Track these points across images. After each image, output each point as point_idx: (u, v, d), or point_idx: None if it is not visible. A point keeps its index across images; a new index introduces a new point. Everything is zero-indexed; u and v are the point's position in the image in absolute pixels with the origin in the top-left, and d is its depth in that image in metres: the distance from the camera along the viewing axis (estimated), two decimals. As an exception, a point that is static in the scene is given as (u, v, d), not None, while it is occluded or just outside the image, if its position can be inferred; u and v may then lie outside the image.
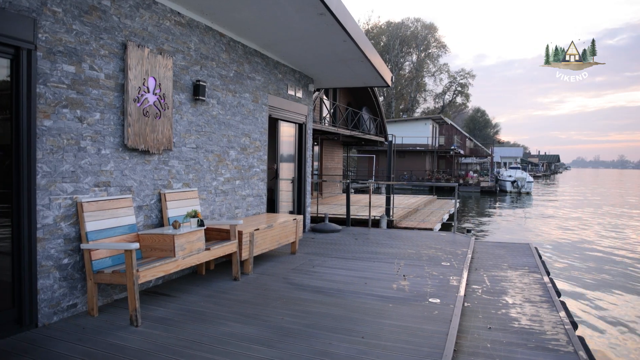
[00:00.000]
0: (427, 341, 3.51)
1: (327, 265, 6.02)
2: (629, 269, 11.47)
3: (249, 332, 3.64)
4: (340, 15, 5.60)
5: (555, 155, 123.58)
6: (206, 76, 5.61)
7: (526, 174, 40.65)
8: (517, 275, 6.00)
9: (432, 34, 65.80)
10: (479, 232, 17.53)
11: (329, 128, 15.12)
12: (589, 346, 3.98)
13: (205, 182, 5.70)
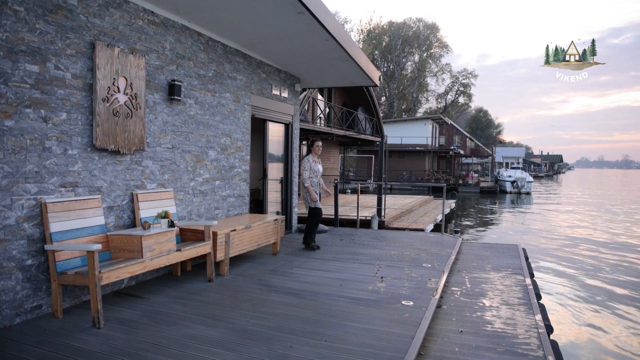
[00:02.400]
0: (391, 345, 3.45)
1: (305, 267, 5.97)
2: (621, 272, 11.38)
3: (211, 334, 3.60)
4: (320, 14, 5.55)
5: (558, 155, 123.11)
6: (183, 76, 5.57)
7: (526, 174, 40.50)
8: (499, 277, 5.93)
9: (434, 34, 65.67)
10: (474, 233, 17.44)
11: (322, 128, 15.06)
12: (561, 351, 3.93)
13: (183, 182, 5.65)
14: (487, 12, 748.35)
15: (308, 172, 7.00)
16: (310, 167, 7.01)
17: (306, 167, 7.02)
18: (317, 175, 7.11)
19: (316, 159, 7.19)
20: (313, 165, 7.06)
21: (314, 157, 7.14)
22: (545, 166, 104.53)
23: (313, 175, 7.04)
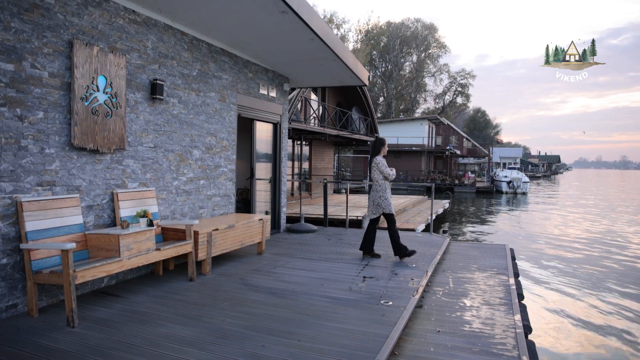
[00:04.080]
0: (365, 345, 3.45)
1: (289, 266, 5.96)
2: (610, 274, 11.39)
3: (186, 333, 3.59)
4: (304, 13, 5.54)
5: (555, 156, 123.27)
6: (166, 75, 5.56)
7: (522, 174, 40.57)
8: (483, 277, 5.93)
9: (432, 34, 65.74)
10: (466, 233, 17.45)
11: (314, 128, 15.05)
12: (538, 351, 3.93)
13: (165, 181, 5.65)
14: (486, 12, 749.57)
15: (389, 169, 6.58)
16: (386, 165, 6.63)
17: (386, 164, 6.64)
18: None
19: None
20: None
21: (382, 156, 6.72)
22: (543, 166, 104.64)
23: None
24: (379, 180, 6.59)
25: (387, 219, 6.63)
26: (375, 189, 6.63)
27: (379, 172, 6.58)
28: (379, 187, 6.60)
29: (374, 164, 6.62)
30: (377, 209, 6.60)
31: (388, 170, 6.54)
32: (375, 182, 6.64)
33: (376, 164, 6.60)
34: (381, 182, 6.59)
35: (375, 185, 6.65)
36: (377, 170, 6.59)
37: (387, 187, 6.62)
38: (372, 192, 6.68)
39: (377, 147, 6.75)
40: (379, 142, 6.80)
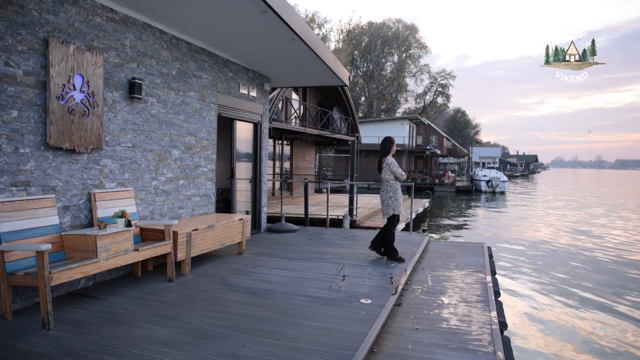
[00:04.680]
0: (344, 343, 3.48)
1: (269, 266, 5.97)
2: (585, 271, 11.67)
3: (164, 334, 3.57)
4: (284, 13, 5.55)
5: (533, 156, 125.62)
6: (144, 74, 5.51)
7: (500, 174, 41.23)
8: (461, 275, 6.02)
9: (413, 34, 66.27)
10: (445, 232, 17.68)
11: (296, 127, 15.06)
12: (512, 347, 4.02)
13: (144, 181, 5.59)
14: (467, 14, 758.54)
15: (400, 169, 6.52)
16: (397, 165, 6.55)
17: (397, 164, 6.55)
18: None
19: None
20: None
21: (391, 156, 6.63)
22: (521, 166, 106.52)
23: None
24: (390, 180, 6.52)
25: (389, 219, 6.61)
26: (386, 190, 6.56)
27: (390, 172, 6.52)
28: (389, 187, 6.53)
29: (385, 164, 6.53)
30: (387, 209, 6.57)
31: (400, 171, 6.49)
32: (386, 182, 6.57)
33: (387, 164, 6.52)
34: (392, 182, 6.53)
35: (385, 186, 6.57)
36: (389, 171, 6.52)
37: (398, 188, 6.57)
38: (382, 192, 6.61)
39: (387, 147, 6.63)
40: (389, 141, 6.68)
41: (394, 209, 6.51)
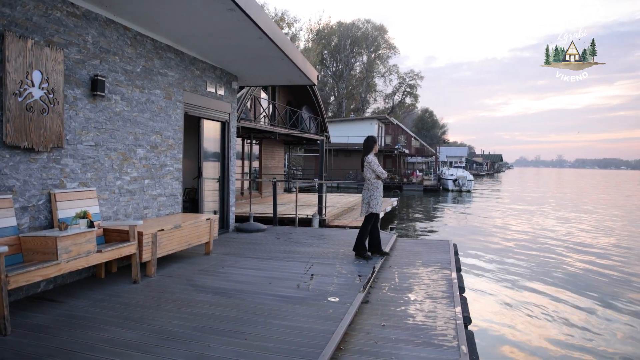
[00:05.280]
0: (310, 341, 3.49)
1: (237, 266, 5.92)
2: (546, 266, 12.07)
3: (129, 337, 3.50)
4: (252, 11, 5.52)
5: (498, 155, 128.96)
6: (107, 71, 5.37)
7: (467, 173, 42.16)
8: (427, 272, 6.12)
9: (382, 35, 66.98)
10: (412, 230, 17.96)
11: (264, 127, 14.98)
12: (476, 340, 4.12)
13: (108, 181, 5.45)
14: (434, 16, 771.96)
15: (381, 168, 6.58)
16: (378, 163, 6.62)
17: (378, 162, 6.61)
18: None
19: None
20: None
21: (373, 155, 6.67)
22: (487, 165, 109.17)
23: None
24: (372, 179, 6.59)
25: (366, 218, 6.68)
26: (367, 188, 6.63)
27: (371, 170, 6.58)
28: (370, 186, 6.60)
29: (366, 162, 6.60)
30: (366, 207, 6.64)
31: (380, 169, 6.56)
32: (367, 181, 6.64)
33: (368, 163, 6.58)
34: (373, 181, 6.60)
35: (367, 184, 6.64)
36: (370, 169, 6.59)
37: (379, 187, 6.64)
38: (364, 190, 6.69)
39: (369, 146, 6.67)
40: (371, 140, 6.73)
41: (372, 207, 6.59)
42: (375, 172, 6.54)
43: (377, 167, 6.54)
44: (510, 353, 6.34)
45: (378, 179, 6.61)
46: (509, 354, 6.30)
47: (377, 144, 6.79)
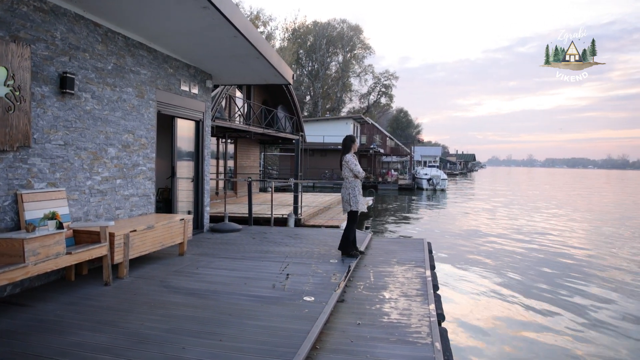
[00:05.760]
0: (286, 341, 3.49)
1: (212, 266, 5.87)
2: (517, 263, 12.34)
3: (101, 340, 3.42)
4: (226, 9, 5.46)
5: (471, 155, 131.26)
6: (77, 68, 5.24)
7: (441, 172, 42.79)
8: (402, 270, 6.18)
9: (357, 35, 67.32)
10: (388, 229, 18.12)
11: (240, 126, 14.87)
12: (449, 337, 4.18)
13: (78, 181, 5.32)
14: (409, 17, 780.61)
15: (359, 167, 6.59)
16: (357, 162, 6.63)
17: (356, 162, 6.61)
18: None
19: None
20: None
21: (352, 154, 6.69)
22: (460, 164, 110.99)
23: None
24: (349, 177, 6.63)
25: (349, 216, 6.72)
26: (345, 187, 6.67)
27: (348, 169, 6.61)
28: (349, 184, 6.63)
29: (344, 161, 6.64)
30: (346, 205, 6.68)
31: (358, 168, 6.58)
32: (345, 179, 6.67)
33: (346, 162, 6.62)
34: (351, 179, 6.63)
35: (345, 183, 6.68)
36: (348, 168, 6.62)
37: (358, 185, 6.66)
38: (343, 189, 6.73)
39: (347, 145, 6.71)
40: (349, 140, 6.76)
41: (352, 205, 6.61)
42: (353, 171, 6.58)
43: (354, 166, 6.58)
44: (482, 348, 6.46)
45: (356, 178, 6.64)
46: (481, 349, 6.42)
47: (357, 143, 6.85)
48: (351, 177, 6.62)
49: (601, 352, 6.35)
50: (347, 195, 6.64)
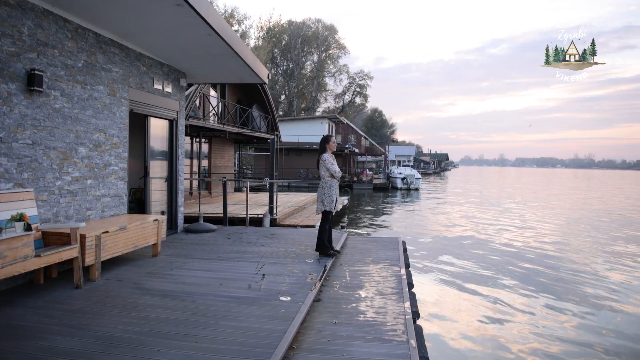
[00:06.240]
0: (262, 341, 3.48)
1: (186, 267, 5.80)
2: (489, 260, 12.61)
3: (72, 345, 3.34)
4: (201, 7, 5.39)
5: (444, 154, 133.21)
6: (46, 65, 5.09)
7: (415, 171, 43.35)
8: (377, 269, 6.24)
9: (332, 35, 67.53)
10: (363, 228, 18.25)
11: (214, 125, 14.72)
12: (424, 334, 4.24)
13: (47, 181, 5.17)
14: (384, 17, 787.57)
15: (336, 166, 6.53)
16: (334, 162, 6.58)
17: (333, 161, 6.56)
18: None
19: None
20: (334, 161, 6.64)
21: (329, 153, 6.65)
22: (434, 164, 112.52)
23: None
24: (326, 177, 6.60)
25: (323, 216, 6.70)
26: (321, 186, 6.64)
27: (325, 168, 6.58)
28: (325, 184, 6.61)
29: (321, 161, 6.61)
30: (320, 205, 6.66)
31: (334, 168, 6.53)
32: (322, 179, 6.64)
33: (322, 161, 6.59)
34: (328, 179, 6.60)
35: (321, 182, 6.65)
36: (324, 168, 6.59)
37: (334, 185, 6.62)
38: (319, 189, 6.70)
39: (322, 145, 6.70)
40: (324, 140, 6.74)
41: (326, 205, 6.61)
42: (329, 170, 6.57)
43: (331, 165, 6.57)
44: (456, 344, 6.58)
45: (333, 178, 6.64)
46: (455, 345, 6.53)
47: (334, 143, 6.82)
48: (327, 176, 6.62)
49: (574, 348, 6.55)
50: (322, 195, 6.64)
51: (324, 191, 6.62)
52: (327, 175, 6.61)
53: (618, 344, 6.69)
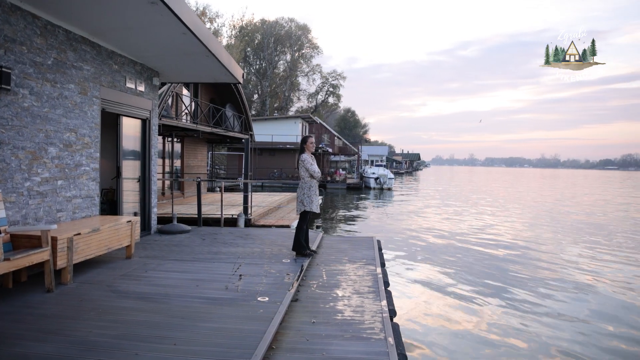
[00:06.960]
0: (242, 342, 3.47)
1: (161, 269, 5.72)
2: (463, 257, 12.86)
3: (46, 350, 3.26)
4: (175, 5, 5.33)
5: (416, 154, 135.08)
6: (13, 62, 4.94)
7: (388, 171, 43.78)
8: (353, 268, 6.29)
9: (305, 34, 67.46)
10: (337, 227, 18.34)
11: (187, 125, 14.53)
12: (401, 332, 4.31)
13: (15, 182, 5.02)
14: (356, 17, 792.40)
15: (315, 166, 6.54)
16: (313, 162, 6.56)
17: (312, 162, 6.54)
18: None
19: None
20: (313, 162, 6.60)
21: (309, 154, 6.67)
22: (406, 164, 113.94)
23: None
24: (305, 177, 6.61)
25: (301, 215, 6.72)
26: (301, 186, 6.65)
27: (304, 169, 6.59)
28: (304, 184, 6.62)
29: (300, 161, 6.62)
30: (300, 205, 6.67)
31: (314, 168, 6.55)
32: (302, 179, 6.65)
33: (302, 161, 6.60)
34: (307, 179, 6.61)
35: (301, 183, 6.65)
36: (303, 168, 6.60)
37: (314, 185, 6.64)
38: (299, 189, 6.70)
39: (301, 145, 6.75)
40: (302, 140, 6.79)
41: (306, 205, 6.63)
42: (309, 170, 6.60)
43: (310, 165, 6.59)
44: (433, 340, 6.70)
45: (312, 178, 6.66)
46: (432, 342, 6.65)
47: (312, 143, 6.83)
48: (307, 176, 6.64)
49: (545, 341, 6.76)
50: (301, 196, 6.66)
51: (304, 192, 6.64)
52: (307, 175, 6.63)
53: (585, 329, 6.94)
